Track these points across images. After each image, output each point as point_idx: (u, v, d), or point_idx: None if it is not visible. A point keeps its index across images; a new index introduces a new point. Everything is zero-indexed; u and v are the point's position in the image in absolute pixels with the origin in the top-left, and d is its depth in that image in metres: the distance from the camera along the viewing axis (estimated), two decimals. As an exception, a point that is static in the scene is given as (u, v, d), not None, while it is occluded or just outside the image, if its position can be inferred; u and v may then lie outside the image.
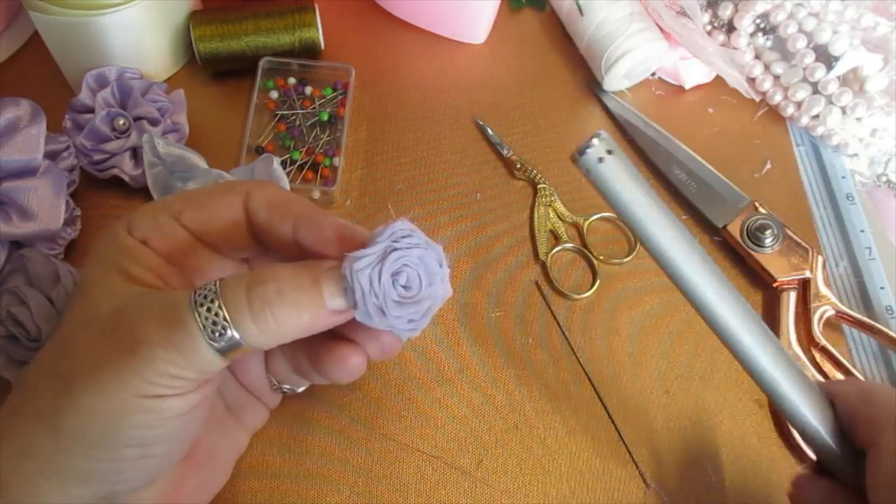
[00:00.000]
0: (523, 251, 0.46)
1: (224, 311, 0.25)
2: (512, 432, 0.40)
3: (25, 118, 0.40)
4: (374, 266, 0.25)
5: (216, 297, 0.25)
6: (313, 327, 0.26)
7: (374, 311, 0.26)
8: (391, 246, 0.26)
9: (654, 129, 0.50)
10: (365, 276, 0.25)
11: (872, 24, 0.49)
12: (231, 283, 0.26)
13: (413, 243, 0.27)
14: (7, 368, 0.38)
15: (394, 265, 0.26)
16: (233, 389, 0.34)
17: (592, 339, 0.43)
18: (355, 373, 0.30)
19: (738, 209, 0.46)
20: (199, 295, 0.25)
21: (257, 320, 0.25)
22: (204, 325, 0.25)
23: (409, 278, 0.26)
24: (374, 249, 0.26)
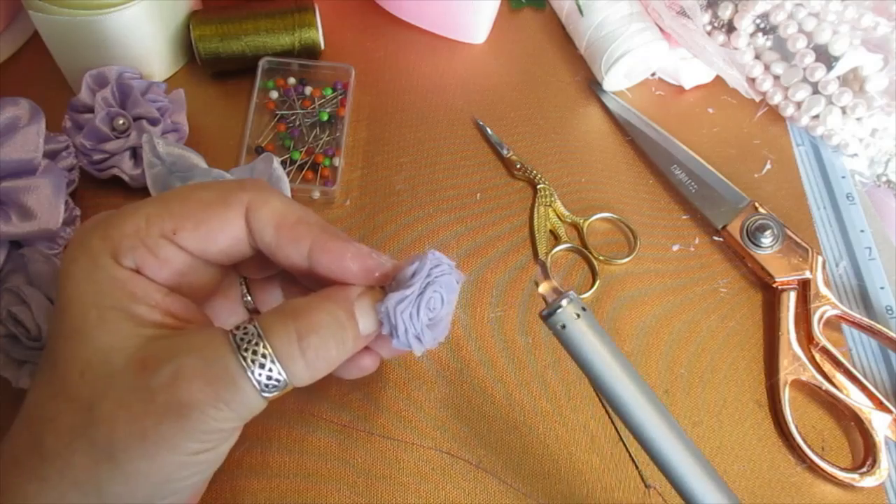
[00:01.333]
0: (523, 251, 0.46)
1: (275, 362, 0.24)
2: (512, 432, 0.40)
3: (25, 117, 0.40)
4: (413, 304, 0.27)
5: (261, 342, 0.24)
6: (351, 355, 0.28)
7: (413, 342, 0.28)
8: (427, 283, 0.27)
9: (654, 130, 0.50)
10: (406, 315, 0.27)
11: (872, 24, 0.49)
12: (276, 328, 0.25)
13: (442, 272, 0.28)
14: (7, 368, 0.38)
15: (428, 298, 0.28)
16: None
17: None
18: (368, 372, 0.31)
19: (738, 209, 0.46)
20: (241, 341, 0.24)
21: (309, 364, 0.25)
22: (255, 377, 0.24)
23: (433, 301, 0.28)
24: (413, 289, 0.27)
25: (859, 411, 0.41)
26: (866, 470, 0.40)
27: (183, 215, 0.26)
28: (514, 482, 0.39)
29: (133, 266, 0.26)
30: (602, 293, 0.45)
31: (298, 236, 0.27)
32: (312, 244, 0.27)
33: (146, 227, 0.26)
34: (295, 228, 0.27)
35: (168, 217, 0.26)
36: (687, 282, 0.46)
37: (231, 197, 0.27)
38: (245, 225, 0.27)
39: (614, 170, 0.50)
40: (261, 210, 0.27)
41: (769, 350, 0.43)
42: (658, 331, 0.44)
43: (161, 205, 0.27)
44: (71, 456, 0.24)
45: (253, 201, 0.27)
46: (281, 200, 0.28)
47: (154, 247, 0.26)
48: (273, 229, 0.27)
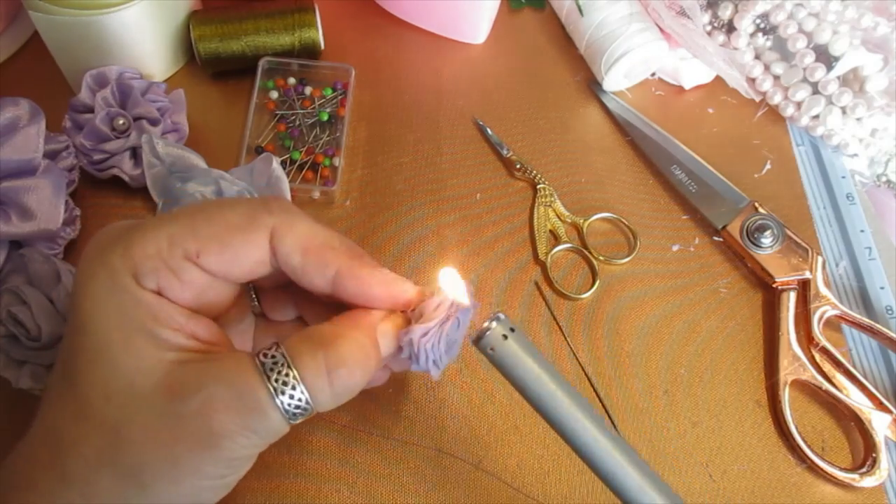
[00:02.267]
0: (523, 251, 0.46)
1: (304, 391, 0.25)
2: (512, 432, 0.40)
3: (25, 118, 0.40)
4: (435, 336, 0.28)
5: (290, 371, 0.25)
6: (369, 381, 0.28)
7: (432, 368, 0.29)
8: (448, 315, 0.28)
9: (653, 130, 0.50)
10: (429, 346, 0.28)
11: (872, 24, 0.49)
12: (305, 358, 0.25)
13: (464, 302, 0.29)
14: (7, 368, 0.38)
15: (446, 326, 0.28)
16: None
17: (592, 339, 0.43)
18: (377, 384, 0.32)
19: (738, 209, 0.46)
20: (269, 370, 0.25)
21: (336, 393, 0.26)
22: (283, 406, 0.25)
23: (451, 328, 0.29)
24: (437, 322, 0.28)
25: (859, 411, 0.41)
26: (866, 470, 0.40)
27: (208, 237, 0.26)
28: (514, 482, 0.39)
29: (155, 288, 0.25)
30: (602, 293, 0.45)
31: (325, 262, 0.27)
32: (339, 270, 0.27)
33: (168, 249, 0.25)
34: (322, 254, 0.27)
35: (192, 239, 0.25)
36: (687, 282, 0.46)
37: (258, 220, 0.26)
38: (269, 248, 0.27)
39: (614, 170, 0.50)
40: (287, 236, 0.27)
41: (769, 350, 0.43)
42: (658, 331, 0.44)
43: (185, 224, 0.26)
44: (97, 480, 0.24)
45: (279, 226, 0.26)
46: (307, 224, 0.27)
47: (177, 269, 0.25)
48: (300, 255, 0.27)
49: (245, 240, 0.26)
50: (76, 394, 0.25)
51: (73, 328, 0.25)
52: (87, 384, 0.24)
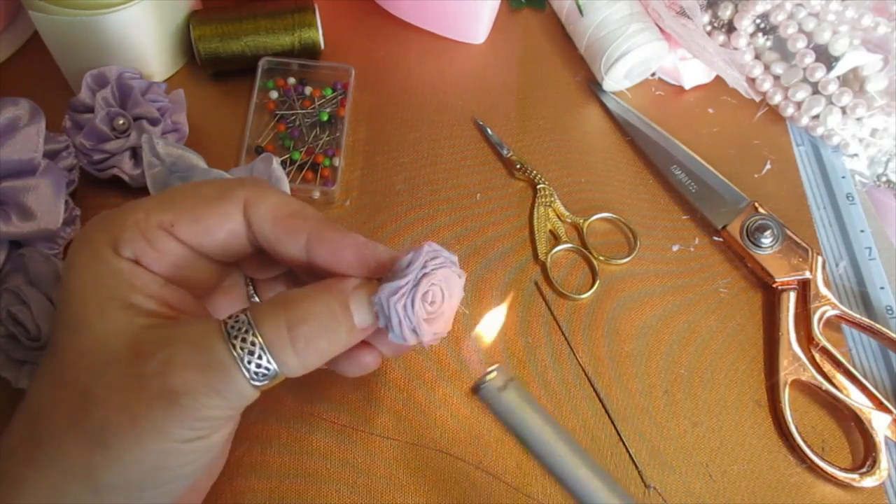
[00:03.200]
0: (523, 251, 0.46)
1: (265, 351, 0.24)
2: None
3: (24, 118, 0.40)
4: (407, 296, 0.26)
5: (252, 332, 0.25)
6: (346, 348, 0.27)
7: (408, 335, 0.27)
8: (422, 273, 0.27)
9: (653, 130, 0.50)
10: (401, 307, 0.26)
11: (872, 24, 0.49)
12: (266, 319, 0.25)
13: (439, 264, 0.27)
14: (7, 368, 0.38)
15: (424, 290, 0.27)
16: None
17: (592, 340, 0.43)
18: (369, 369, 0.30)
19: (738, 209, 0.46)
20: (232, 330, 0.25)
21: (300, 354, 0.25)
22: (245, 366, 0.24)
23: (433, 295, 0.27)
24: (408, 280, 0.26)
25: (859, 411, 0.41)
26: (866, 470, 0.40)
27: (182, 209, 0.27)
28: (514, 482, 0.39)
29: (132, 257, 0.26)
30: (602, 294, 0.45)
31: (295, 228, 0.27)
32: (309, 235, 0.27)
33: (145, 219, 0.26)
34: (292, 221, 0.27)
35: (167, 210, 0.27)
36: (687, 282, 0.46)
37: (230, 192, 0.27)
38: (244, 220, 0.27)
39: (614, 170, 0.49)
40: (259, 205, 0.27)
41: (769, 350, 0.43)
42: (658, 331, 0.44)
43: (161, 199, 0.27)
44: (63, 442, 0.24)
45: (251, 197, 0.27)
46: (278, 195, 0.28)
47: (153, 238, 0.26)
48: (270, 223, 0.27)
49: (217, 209, 0.27)
50: (54, 362, 0.26)
51: (59, 302, 0.27)
52: (62, 351, 0.26)
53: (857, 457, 0.41)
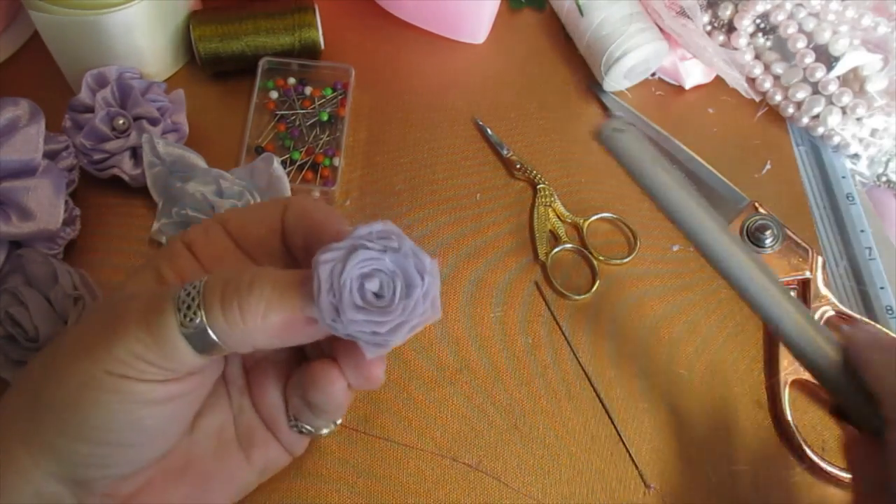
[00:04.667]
0: (524, 251, 0.46)
1: (199, 296, 0.24)
2: (512, 432, 0.40)
3: (25, 118, 0.40)
4: (338, 261, 0.23)
5: (200, 285, 0.24)
6: (287, 334, 0.25)
7: (328, 310, 0.23)
8: (360, 244, 0.24)
9: (654, 130, 0.50)
10: (326, 269, 0.23)
11: (872, 24, 0.49)
12: (216, 273, 0.25)
13: (390, 246, 0.24)
14: (5, 369, 0.38)
15: (361, 266, 0.23)
16: (248, 418, 0.31)
17: (593, 339, 0.43)
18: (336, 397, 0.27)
19: (738, 209, 0.46)
20: (187, 284, 0.25)
21: (225, 310, 0.24)
22: (179, 307, 0.24)
23: (381, 286, 0.24)
24: (343, 244, 0.24)
25: (859, 411, 0.41)
26: (866, 470, 0.40)
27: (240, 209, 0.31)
28: (514, 482, 0.39)
29: (187, 241, 0.29)
30: (603, 294, 0.45)
31: (306, 219, 0.28)
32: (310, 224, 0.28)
33: (214, 218, 0.30)
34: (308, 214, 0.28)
35: (229, 211, 0.31)
36: (687, 282, 0.46)
37: (281, 199, 0.31)
38: (280, 220, 0.29)
39: (615, 170, 0.49)
40: (295, 205, 0.29)
41: (769, 350, 0.43)
42: (659, 331, 0.44)
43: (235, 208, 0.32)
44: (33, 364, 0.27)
45: (293, 201, 0.30)
46: (317, 202, 0.30)
47: (208, 228, 0.29)
48: (296, 215, 0.29)
49: (262, 209, 0.30)
50: None
51: None
52: None
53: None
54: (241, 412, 0.31)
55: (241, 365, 0.31)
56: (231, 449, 0.30)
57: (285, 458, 0.32)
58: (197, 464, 0.30)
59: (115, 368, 0.24)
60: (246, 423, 0.31)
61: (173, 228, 0.43)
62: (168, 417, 0.27)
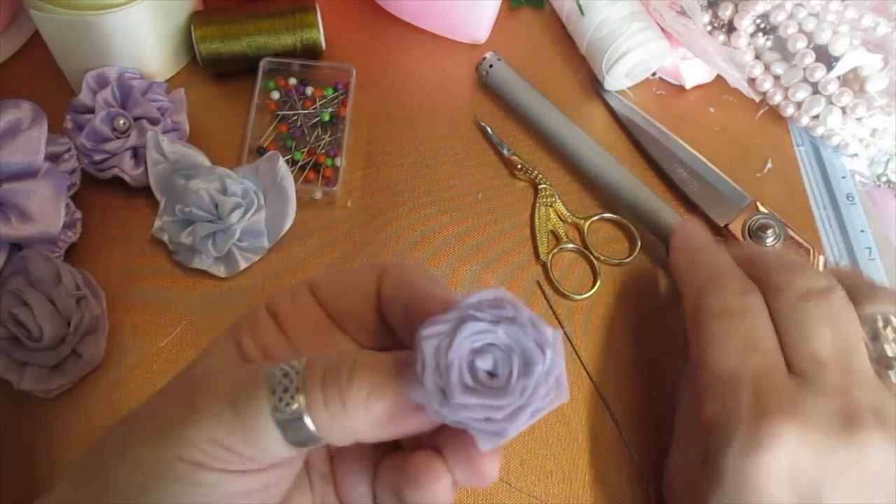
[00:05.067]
0: (525, 251, 0.46)
1: (299, 379, 0.21)
2: (514, 432, 0.40)
3: (27, 120, 0.40)
4: (445, 335, 0.21)
5: (299, 367, 0.22)
6: (393, 424, 0.22)
7: (435, 394, 0.20)
8: (469, 314, 0.21)
9: (656, 129, 0.50)
10: (431, 346, 0.20)
11: (872, 25, 0.49)
12: (317, 357, 0.22)
13: (504, 316, 0.21)
14: (9, 370, 0.38)
15: (472, 340, 0.21)
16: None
17: (594, 339, 0.44)
18: (439, 496, 0.23)
19: (740, 208, 0.46)
20: (283, 364, 0.22)
21: (326, 397, 0.21)
22: (274, 389, 0.21)
23: (496, 363, 0.21)
24: (449, 316, 0.21)
25: (860, 410, 0.41)
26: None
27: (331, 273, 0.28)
28: (517, 482, 0.39)
29: (273, 309, 0.26)
30: (603, 292, 0.45)
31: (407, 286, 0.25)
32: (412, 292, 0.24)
33: (302, 282, 0.27)
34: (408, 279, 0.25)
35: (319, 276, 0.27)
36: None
37: (378, 263, 0.27)
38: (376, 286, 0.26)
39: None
40: (393, 271, 0.26)
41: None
42: (661, 330, 0.44)
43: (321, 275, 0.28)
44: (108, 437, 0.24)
45: (391, 265, 0.26)
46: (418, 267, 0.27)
47: (296, 294, 0.27)
48: (394, 281, 0.26)
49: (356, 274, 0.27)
50: None
51: None
52: None
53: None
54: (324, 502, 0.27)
55: (326, 450, 0.27)
56: None
57: None
58: None
59: (189, 455, 0.21)
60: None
61: (175, 226, 0.43)
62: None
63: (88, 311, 0.39)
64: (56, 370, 0.38)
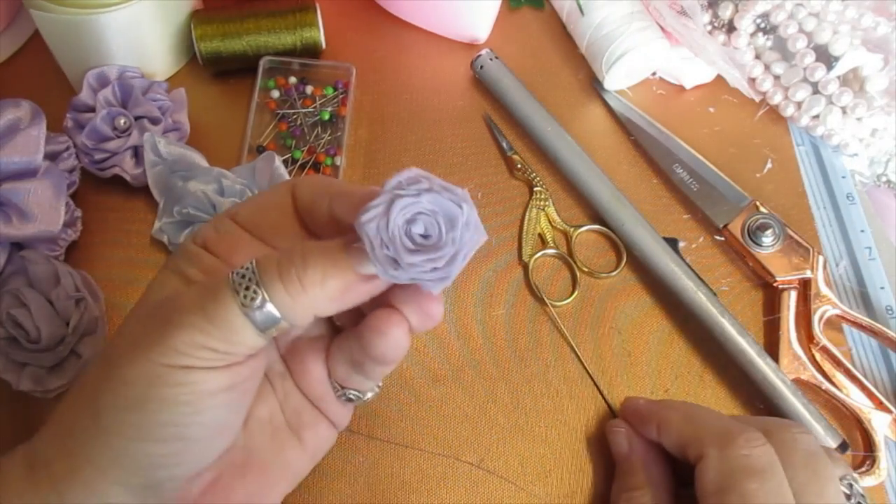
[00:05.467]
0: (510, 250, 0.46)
1: (256, 275, 0.24)
2: (514, 430, 0.40)
3: (26, 119, 0.40)
4: (381, 216, 0.24)
5: (252, 266, 0.25)
6: (347, 295, 0.26)
7: (386, 263, 0.24)
8: (395, 194, 0.24)
9: (655, 128, 0.50)
10: (372, 227, 0.24)
11: (872, 24, 0.49)
12: (267, 254, 0.25)
13: (423, 188, 0.25)
14: (7, 370, 0.37)
15: (403, 212, 0.24)
16: (294, 401, 0.31)
17: (595, 338, 0.44)
18: (396, 340, 0.27)
19: (740, 208, 0.46)
20: (239, 267, 0.25)
21: (286, 283, 0.24)
22: (237, 289, 0.24)
23: (426, 226, 0.25)
24: (379, 200, 0.24)
25: (859, 411, 0.41)
26: (866, 470, 0.40)
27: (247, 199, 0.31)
28: (517, 481, 0.39)
29: (201, 243, 0.29)
30: (605, 293, 0.45)
31: (326, 191, 0.28)
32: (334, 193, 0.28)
33: (222, 214, 0.30)
34: (326, 186, 0.28)
35: (237, 204, 0.31)
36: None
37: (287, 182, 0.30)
38: (291, 199, 0.29)
39: (616, 168, 0.49)
40: (305, 180, 0.29)
41: (770, 349, 0.43)
42: (659, 330, 0.44)
43: None
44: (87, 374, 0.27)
45: (299, 181, 0.30)
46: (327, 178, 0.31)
47: (218, 225, 0.29)
48: (310, 190, 0.29)
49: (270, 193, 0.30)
50: None
51: None
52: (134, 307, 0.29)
53: (857, 457, 0.41)
54: (286, 396, 0.31)
55: (277, 351, 0.31)
56: (283, 436, 0.31)
57: (333, 435, 0.33)
58: (255, 456, 0.30)
59: (178, 360, 0.24)
60: (293, 406, 0.31)
61: (174, 228, 0.43)
62: (232, 406, 0.27)
63: (87, 312, 0.39)
64: (55, 371, 0.38)
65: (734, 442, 0.33)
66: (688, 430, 0.36)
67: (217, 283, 0.25)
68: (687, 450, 0.35)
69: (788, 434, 0.34)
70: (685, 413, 0.37)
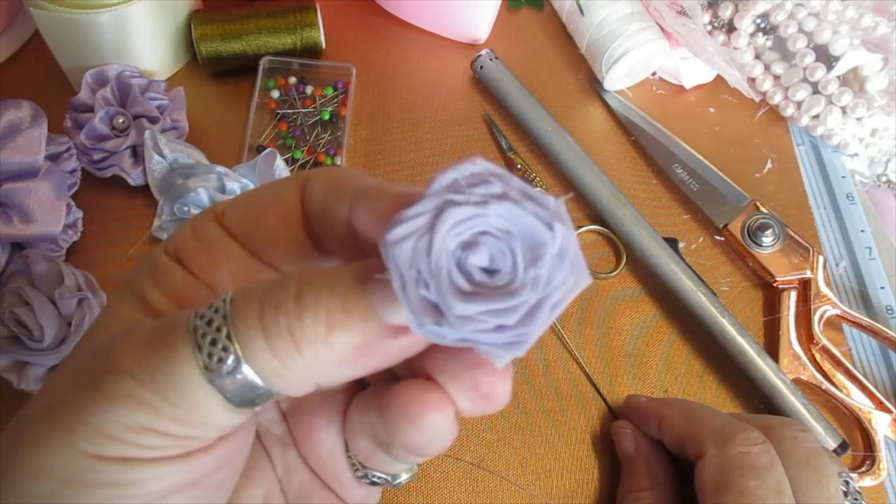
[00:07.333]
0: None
1: (228, 322, 0.16)
2: (515, 430, 0.40)
3: (27, 120, 0.40)
4: (420, 234, 0.15)
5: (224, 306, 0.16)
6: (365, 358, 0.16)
7: (424, 311, 0.15)
8: (447, 200, 0.15)
9: (655, 128, 0.50)
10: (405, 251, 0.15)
11: (872, 24, 0.49)
12: (247, 290, 0.17)
13: (492, 193, 0.15)
14: (9, 369, 0.37)
15: (456, 231, 0.15)
16: (299, 479, 0.22)
17: (595, 337, 0.44)
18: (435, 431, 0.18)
19: (740, 208, 0.46)
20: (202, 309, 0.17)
21: (270, 339, 0.16)
22: (199, 343, 0.16)
23: (493, 256, 0.15)
24: (421, 207, 0.15)
25: (859, 411, 0.41)
26: (866, 469, 0.40)
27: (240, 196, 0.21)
28: (517, 481, 0.39)
29: (174, 252, 0.20)
30: (604, 292, 0.45)
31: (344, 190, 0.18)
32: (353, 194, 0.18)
33: (204, 212, 0.21)
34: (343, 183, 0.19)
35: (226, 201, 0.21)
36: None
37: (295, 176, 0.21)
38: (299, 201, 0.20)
39: (616, 168, 0.49)
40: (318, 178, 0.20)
41: (770, 349, 0.44)
42: (659, 330, 0.44)
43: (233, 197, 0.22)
44: None
45: (312, 174, 0.20)
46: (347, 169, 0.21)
47: (198, 228, 0.21)
48: (324, 189, 0.19)
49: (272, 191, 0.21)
50: None
51: None
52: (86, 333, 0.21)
53: (857, 456, 0.41)
54: (288, 473, 0.22)
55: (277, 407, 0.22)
56: None
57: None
58: None
59: (111, 449, 0.16)
60: (297, 485, 0.22)
61: (174, 225, 0.43)
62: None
63: (90, 311, 0.39)
64: (56, 370, 0.38)
65: (733, 440, 0.33)
66: (687, 428, 0.35)
67: (171, 330, 0.16)
68: (686, 447, 0.35)
69: (788, 432, 0.34)
70: (685, 411, 0.37)
